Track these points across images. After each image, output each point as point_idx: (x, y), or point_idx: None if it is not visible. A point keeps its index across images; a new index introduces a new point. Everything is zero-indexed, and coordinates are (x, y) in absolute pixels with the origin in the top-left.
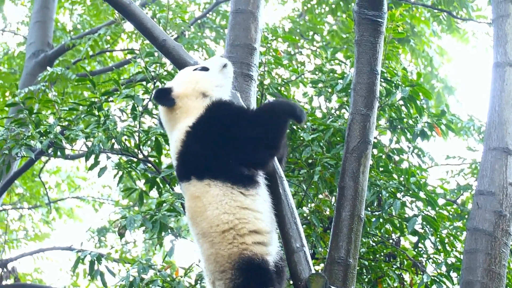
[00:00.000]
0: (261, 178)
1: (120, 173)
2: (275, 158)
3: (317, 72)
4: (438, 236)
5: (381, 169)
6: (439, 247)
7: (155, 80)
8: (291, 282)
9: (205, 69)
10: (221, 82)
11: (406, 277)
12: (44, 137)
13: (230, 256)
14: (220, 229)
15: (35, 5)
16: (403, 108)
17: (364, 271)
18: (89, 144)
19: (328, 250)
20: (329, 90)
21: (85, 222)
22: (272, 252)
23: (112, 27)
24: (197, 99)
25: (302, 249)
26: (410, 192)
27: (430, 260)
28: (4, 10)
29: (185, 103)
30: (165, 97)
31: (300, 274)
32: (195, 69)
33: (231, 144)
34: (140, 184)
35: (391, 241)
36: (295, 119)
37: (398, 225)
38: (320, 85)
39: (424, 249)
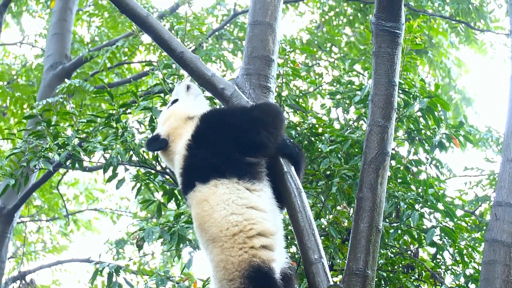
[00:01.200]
0: (264, 173)
1: (138, 185)
2: (292, 168)
3: (335, 84)
4: (457, 247)
5: (399, 180)
6: (458, 259)
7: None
8: None
9: (175, 101)
10: (193, 101)
11: None
12: (62, 149)
13: (240, 264)
14: (230, 233)
15: (53, 17)
16: (421, 119)
17: (383, 282)
18: (107, 156)
19: (346, 261)
20: (347, 101)
21: (103, 234)
22: (278, 258)
23: (129, 39)
24: (185, 124)
25: (320, 261)
26: (428, 203)
27: (449, 272)
28: (22, 22)
29: (176, 132)
30: (155, 142)
31: (318, 285)
32: (167, 108)
33: (231, 136)
34: (158, 196)
35: (409, 252)
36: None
37: (416, 236)
38: (338, 96)
39: (443, 260)
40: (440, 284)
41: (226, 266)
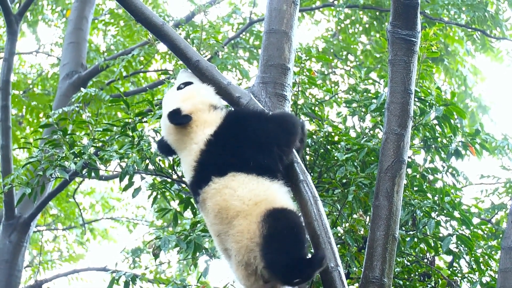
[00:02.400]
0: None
1: (154, 193)
2: (308, 177)
3: (351, 92)
4: (473, 255)
5: (415, 188)
6: (474, 266)
7: None
8: None
9: (188, 83)
10: (212, 90)
11: None
12: (78, 158)
13: (257, 217)
14: (252, 202)
15: (69, 26)
16: (437, 127)
17: None
18: (123, 165)
19: (362, 269)
20: (363, 109)
21: (119, 243)
22: None
23: (145, 48)
24: (210, 112)
25: (336, 269)
26: (445, 211)
27: (465, 280)
28: (38, 31)
29: (200, 116)
30: (179, 116)
31: None
32: (179, 88)
33: (250, 145)
34: (174, 204)
35: (425, 260)
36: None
37: (432, 244)
38: (354, 104)
39: (459, 268)
40: None
41: (249, 227)
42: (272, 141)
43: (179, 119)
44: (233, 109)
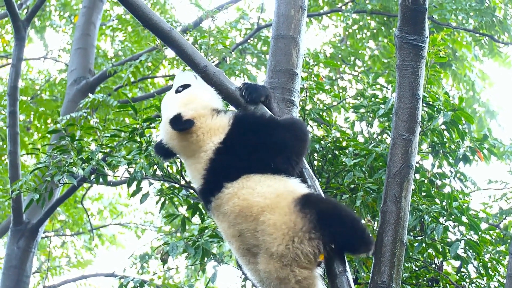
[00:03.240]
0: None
1: (162, 199)
2: (316, 182)
3: (358, 97)
4: (481, 260)
5: (423, 193)
6: (482, 272)
7: None
8: None
9: (186, 86)
10: (212, 92)
11: None
12: (86, 164)
13: (289, 206)
14: (274, 195)
15: (76, 32)
16: (445, 132)
17: None
18: (131, 170)
19: (370, 275)
20: (371, 115)
21: (127, 249)
22: None
23: (153, 54)
24: (213, 118)
25: (344, 274)
26: (453, 216)
27: (473, 285)
28: (46, 37)
29: (203, 123)
30: (181, 122)
31: None
32: (178, 91)
33: (266, 147)
34: (182, 210)
35: (433, 265)
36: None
37: (440, 249)
38: (362, 110)
39: (467, 273)
40: None
41: (283, 219)
42: (285, 149)
43: (182, 125)
44: (239, 113)
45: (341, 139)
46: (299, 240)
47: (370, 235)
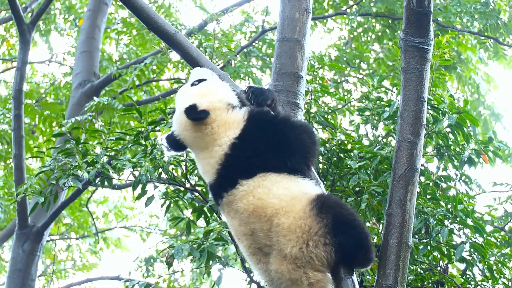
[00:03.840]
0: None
1: (168, 202)
2: (321, 185)
3: (363, 100)
4: (486, 263)
5: (428, 196)
6: (487, 274)
7: None
8: None
9: (202, 80)
10: (229, 88)
11: None
12: (91, 167)
13: (304, 210)
14: (289, 197)
15: (81, 35)
16: (450, 135)
17: None
18: (136, 173)
19: (376, 277)
20: (376, 117)
21: (132, 252)
22: None
23: (158, 57)
24: (229, 112)
25: (350, 277)
26: (458, 219)
27: (478, 287)
28: (50, 40)
29: (219, 116)
30: (197, 112)
31: None
32: (193, 85)
33: (284, 146)
34: (188, 213)
35: (439, 268)
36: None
37: (446, 252)
38: (367, 113)
39: (472, 276)
40: None
41: (297, 222)
42: (302, 148)
43: (197, 114)
44: (254, 109)
45: (346, 142)
46: (314, 244)
47: (374, 252)
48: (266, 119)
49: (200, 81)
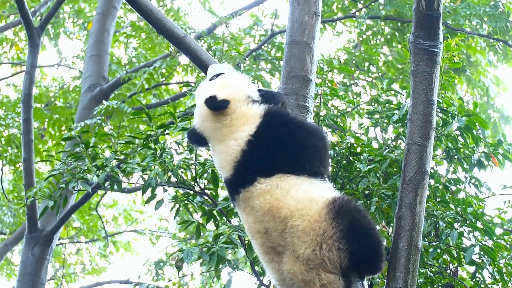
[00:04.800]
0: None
1: (177, 206)
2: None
3: (373, 103)
4: (496, 266)
5: (438, 199)
6: (497, 277)
7: None
8: None
9: (219, 74)
10: (244, 77)
11: None
12: (101, 171)
13: (320, 213)
14: (307, 200)
15: (90, 39)
16: (460, 138)
17: None
18: (146, 177)
19: (385, 280)
20: (385, 120)
21: (142, 255)
22: None
23: (167, 60)
24: (248, 105)
25: (359, 280)
26: (467, 222)
27: None
28: (59, 44)
29: (239, 108)
30: (217, 101)
31: None
32: (211, 79)
33: (302, 149)
34: (197, 216)
35: (448, 271)
36: None
37: (455, 255)
38: (376, 116)
39: (482, 279)
40: None
41: (312, 225)
42: (319, 152)
43: (217, 103)
44: (272, 107)
45: (355, 145)
46: (328, 248)
47: (384, 259)
48: (283, 120)
49: (218, 75)
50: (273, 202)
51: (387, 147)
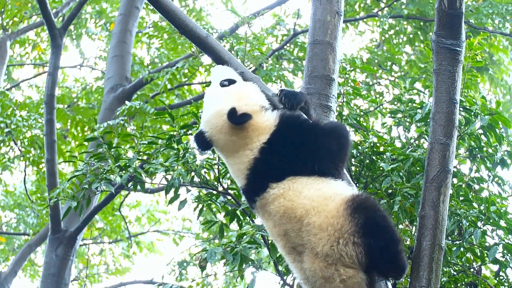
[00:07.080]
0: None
1: (200, 206)
2: (354, 188)
3: (395, 102)
4: None
5: (461, 198)
6: None
7: None
8: None
9: (233, 81)
10: (256, 86)
11: None
12: (124, 171)
13: (338, 210)
14: (322, 198)
15: (113, 39)
16: (483, 137)
17: None
18: (169, 177)
19: (409, 279)
20: (408, 120)
21: (165, 256)
22: None
23: (189, 60)
24: (262, 115)
25: (383, 279)
26: (491, 220)
27: None
28: (82, 45)
29: (256, 120)
30: (239, 116)
31: None
32: (223, 85)
33: (311, 151)
34: (220, 216)
35: (472, 270)
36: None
37: (479, 254)
38: (399, 115)
39: (505, 277)
40: None
41: (329, 221)
42: (329, 154)
43: (240, 118)
44: (285, 114)
45: (378, 144)
46: (344, 242)
47: (406, 261)
48: (295, 124)
49: (229, 81)
50: (287, 204)
51: (410, 146)
